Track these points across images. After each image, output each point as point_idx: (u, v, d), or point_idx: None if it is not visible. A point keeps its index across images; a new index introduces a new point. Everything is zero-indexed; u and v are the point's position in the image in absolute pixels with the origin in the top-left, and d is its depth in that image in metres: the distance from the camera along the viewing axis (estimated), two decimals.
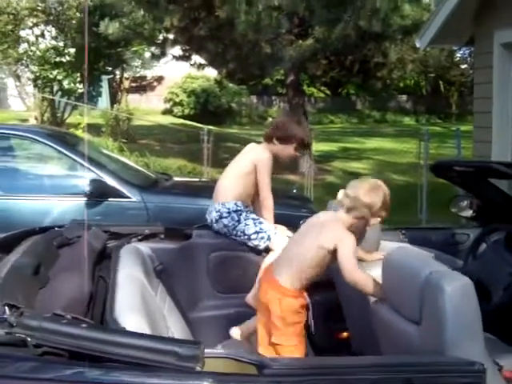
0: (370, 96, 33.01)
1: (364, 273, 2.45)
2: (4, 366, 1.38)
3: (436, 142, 14.93)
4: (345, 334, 3.19)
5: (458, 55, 29.34)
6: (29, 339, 1.45)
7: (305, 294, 2.70)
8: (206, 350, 1.51)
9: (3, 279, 1.89)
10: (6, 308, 1.57)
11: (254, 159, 3.37)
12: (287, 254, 2.72)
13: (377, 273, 2.37)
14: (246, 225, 3.28)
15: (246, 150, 3.56)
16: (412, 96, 34.00)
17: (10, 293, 1.73)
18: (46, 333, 1.47)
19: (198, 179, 8.06)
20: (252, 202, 3.50)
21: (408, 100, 33.95)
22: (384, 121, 30.89)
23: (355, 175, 14.00)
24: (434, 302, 1.82)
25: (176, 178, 6.10)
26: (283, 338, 2.63)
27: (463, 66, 30.69)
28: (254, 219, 3.32)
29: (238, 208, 3.31)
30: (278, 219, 3.44)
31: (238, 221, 3.28)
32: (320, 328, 3.28)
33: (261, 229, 3.28)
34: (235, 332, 3.07)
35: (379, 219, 2.59)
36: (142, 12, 10.94)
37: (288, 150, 3.40)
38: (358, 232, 2.64)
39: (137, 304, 1.97)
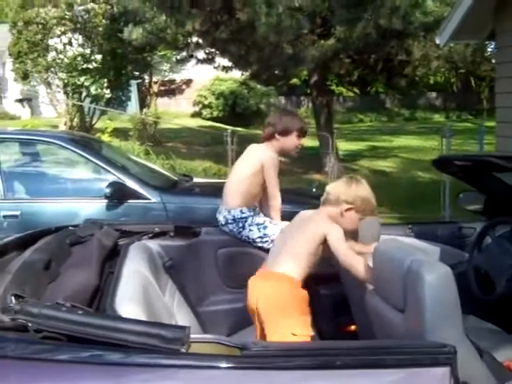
0: (398, 94, 32.77)
1: (357, 256, 2.56)
2: (5, 347, 1.53)
3: (462, 138, 14.80)
4: (353, 326, 3.26)
5: (489, 50, 28.78)
6: (29, 325, 1.59)
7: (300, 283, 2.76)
8: (192, 335, 1.63)
9: (14, 273, 2.04)
10: (13, 298, 1.73)
11: (261, 158, 3.45)
12: (279, 247, 2.84)
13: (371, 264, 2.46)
14: (251, 230, 3.39)
15: (249, 150, 3.61)
16: (442, 93, 33.61)
17: (19, 285, 1.88)
18: (46, 319, 1.60)
19: (217, 180, 8.17)
20: (260, 201, 3.58)
21: (438, 97, 33.61)
22: (414, 118, 30.63)
23: (380, 173, 14.07)
24: (414, 290, 1.90)
25: (196, 180, 6.24)
26: (274, 326, 2.64)
27: (494, 61, 30.11)
28: (258, 224, 3.41)
29: (243, 215, 3.40)
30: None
31: (243, 227, 3.39)
32: (329, 321, 3.38)
33: (265, 234, 3.38)
34: None
35: (349, 206, 2.73)
36: (163, 17, 11.12)
37: (292, 141, 3.51)
38: (342, 223, 2.75)
39: (136, 295, 2.09)
